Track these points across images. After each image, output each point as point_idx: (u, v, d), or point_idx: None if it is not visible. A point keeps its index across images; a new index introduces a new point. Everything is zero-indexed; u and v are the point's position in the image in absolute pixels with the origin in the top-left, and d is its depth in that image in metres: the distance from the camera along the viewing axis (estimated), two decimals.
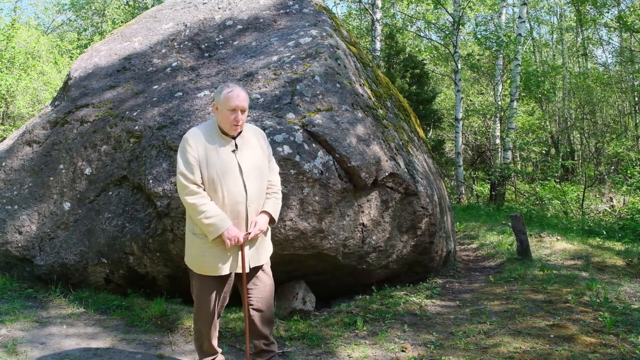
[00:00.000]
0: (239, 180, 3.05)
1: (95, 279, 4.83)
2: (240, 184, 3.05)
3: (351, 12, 23.19)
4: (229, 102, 3.01)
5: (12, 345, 3.66)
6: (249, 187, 3.06)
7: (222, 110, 3.04)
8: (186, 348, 3.81)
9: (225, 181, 3.02)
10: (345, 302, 4.88)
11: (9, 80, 13.42)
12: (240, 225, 3.07)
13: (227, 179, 3.02)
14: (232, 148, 3.08)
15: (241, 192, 3.05)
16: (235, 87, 3.08)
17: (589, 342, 3.60)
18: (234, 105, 3.01)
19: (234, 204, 3.04)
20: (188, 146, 3.03)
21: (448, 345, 3.75)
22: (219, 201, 3.03)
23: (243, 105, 3.04)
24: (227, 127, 3.06)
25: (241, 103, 3.03)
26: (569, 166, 16.22)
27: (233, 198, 3.03)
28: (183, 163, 3.03)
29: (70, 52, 19.46)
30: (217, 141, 3.08)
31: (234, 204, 3.04)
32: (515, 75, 14.56)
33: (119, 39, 6.30)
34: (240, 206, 3.05)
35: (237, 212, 3.05)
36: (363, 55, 6.68)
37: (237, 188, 3.04)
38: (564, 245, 6.84)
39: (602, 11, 16.63)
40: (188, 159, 3.01)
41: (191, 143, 3.03)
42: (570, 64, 22.57)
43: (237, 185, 3.04)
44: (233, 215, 3.05)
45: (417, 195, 4.98)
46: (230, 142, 3.09)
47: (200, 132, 3.09)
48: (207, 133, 3.09)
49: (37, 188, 5.11)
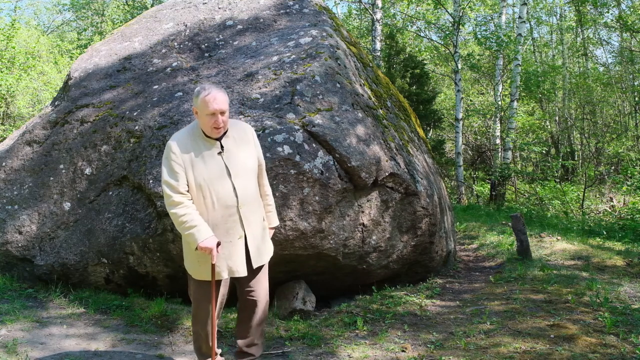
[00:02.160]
0: (228, 183, 2.98)
1: (95, 279, 4.83)
2: (230, 187, 2.98)
3: (351, 12, 23.20)
4: (206, 106, 2.90)
5: (12, 345, 3.66)
6: (239, 189, 2.99)
7: (202, 114, 2.95)
8: (186, 348, 3.81)
9: (213, 186, 2.95)
10: (345, 302, 4.88)
11: (9, 80, 13.42)
12: (235, 228, 3.01)
13: (214, 184, 2.96)
14: (217, 150, 3.00)
15: (231, 195, 2.98)
16: (211, 88, 2.95)
17: (589, 342, 3.59)
18: (212, 109, 2.90)
19: (225, 207, 2.97)
20: (172, 153, 2.96)
21: (448, 345, 3.75)
22: (209, 206, 2.96)
23: (221, 107, 2.92)
24: (209, 131, 2.97)
25: (219, 106, 2.91)
26: (569, 166, 16.22)
27: (223, 202, 2.97)
28: (167, 171, 2.96)
29: (70, 52, 19.48)
30: (201, 145, 3.00)
31: (224, 207, 2.97)
32: (516, 75, 14.56)
33: (119, 39, 6.31)
34: (231, 209, 2.99)
35: (229, 216, 2.99)
36: (363, 55, 6.68)
37: (227, 192, 2.97)
38: (564, 245, 6.83)
39: (602, 11, 16.62)
40: (172, 167, 2.94)
41: (174, 150, 2.96)
42: (570, 64, 22.57)
43: (226, 189, 2.97)
44: (224, 219, 2.98)
45: (417, 195, 4.98)
46: (215, 145, 3.01)
47: (183, 137, 3.02)
48: (190, 137, 3.01)
49: (37, 188, 5.11)
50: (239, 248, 3.05)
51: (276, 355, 3.70)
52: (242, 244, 3.06)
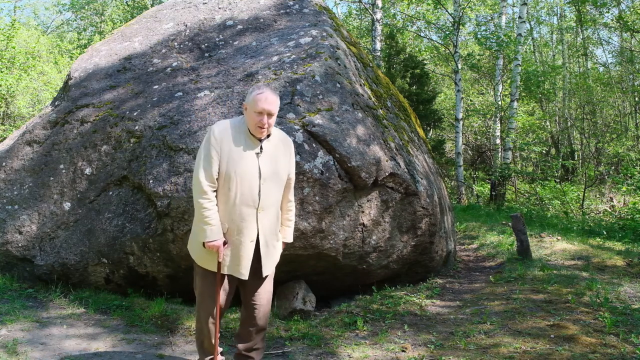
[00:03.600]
0: (256, 184, 3.01)
1: (95, 279, 4.83)
2: (256, 188, 3.01)
3: (351, 12, 23.21)
4: (256, 104, 2.97)
5: (12, 345, 3.66)
6: (264, 193, 3.03)
7: (250, 111, 3.01)
8: (186, 348, 3.81)
9: (241, 182, 2.99)
10: (345, 302, 4.88)
11: (9, 80, 13.43)
12: (248, 229, 3.03)
13: (243, 180, 2.99)
14: (256, 150, 3.05)
15: (254, 196, 3.01)
16: (266, 90, 3.03)
17: (589, 342, 3.59)
18: (260, 108, 2.97)
19: (245, 206, 3.00)
20: (213, 137, 3.00)
21: (448, 345, 3.75)
22: (231, 200, 2.99)
23: (270, 108, 2.99)
24: (253, 129, 3.02)
25: (269, 106, 2.98)
26: (569, 166, 16.22)
27: (245, 200, 3.00)
28: (204, 155, 3.01)
29: (70, 52, 19.49)
30: (243, 140, 3.04)
31: (244, 206, 3.00)
32: (516, 75, 14.56)
33: (119, 39, 6.31)
34: (250, 210, 3.01)
35: (245, 215, 3.01)
36: (363, 55, 6.68)
37: (252, 192, 3.01)
38: (564, 246, 6.84)
39: (602, 11, 16.62)
40: (209, 150, 2.99)
41: (216, 135, 3.01)
42: (570, 64, 22.57)
43: (252, 189, 3.01)
44: (241, 217, 3.01)
45: (417, 195, 4.98)
46: (256, 144, 3.06)
47: (229, 126, 3.07)
48: (235, 129, 3.06)
49: (37, 188, 5.11)
50: (248, 251, 3.06)
51: (276, 355, 3.70)
52: (252, 248, 3.07)
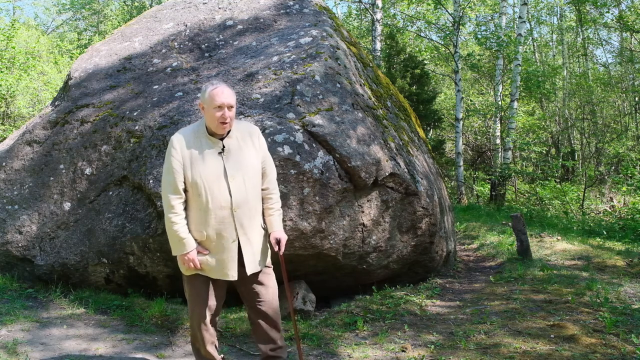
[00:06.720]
0: (224, 184, 2.95)
1: (95, 279, 4.83)
2: (225, 188, 2.95)
3: (351, 12, 23.21)
4: (214, 99, 2.91)
5: (12, 345, 3.66)
6: (235, 191, 2.96)
7: (208, 108, 2.94)
8: (187, 348, 3.81)
9: (209, 185, 2.94)
10: (345, 302, 4.88)
11: (9, 80, 13.43)
12: (227, 230, 2.97)
13: (211, 184, 2.94)
14: (218, 150, 2.99)
15: (225, 197, 2.95)
16: (219, 83, 2.98)
17: (589, 342, 3.59)
18: (219, 102, 2.90)
19: (218, 208, 2.95)
20: (172, 148, 2.98)
21: (448, 345, 3.75)
22: (203, 205, 2.95)
23: (229, 101, 2.92)
24: (215, 126, 2.95)
25: (227, 99, 2.92)
26: (570, 166, 16.21)
27: (217, 203, 2.94)
28: (165, 169, 3.00)
29: (70, 52, 19.48)
30: (203, 143, 2.99)
31: (218, 208, 2.95)
32: (516, 76, 14.55)
33: (119, 39, 6.31)
34: (224, 211, 2.96)
35: (221, 218, 2.96)
36: (363, 56, 6.68)
37: (222, 193, 2.95)
38: (565, 246, 6.84)
39: (602, 11, 16.62)
40: (171, 163, 2.97)
41: (176, 145, 2.97)
42: (570, 64, 22.57)
43: (221, 190, 2.95)
44: (218, 220, 2.96)
45: (417, 195, 4.98)
46: (217, 144, 3.00)
47: (187, 133, 3.03)
48: (193, 135, 3.01)
49: (37, 188, 5.11)
50: (232, 252, 3.00)
51: None
52: (235, 248, 3.01)
